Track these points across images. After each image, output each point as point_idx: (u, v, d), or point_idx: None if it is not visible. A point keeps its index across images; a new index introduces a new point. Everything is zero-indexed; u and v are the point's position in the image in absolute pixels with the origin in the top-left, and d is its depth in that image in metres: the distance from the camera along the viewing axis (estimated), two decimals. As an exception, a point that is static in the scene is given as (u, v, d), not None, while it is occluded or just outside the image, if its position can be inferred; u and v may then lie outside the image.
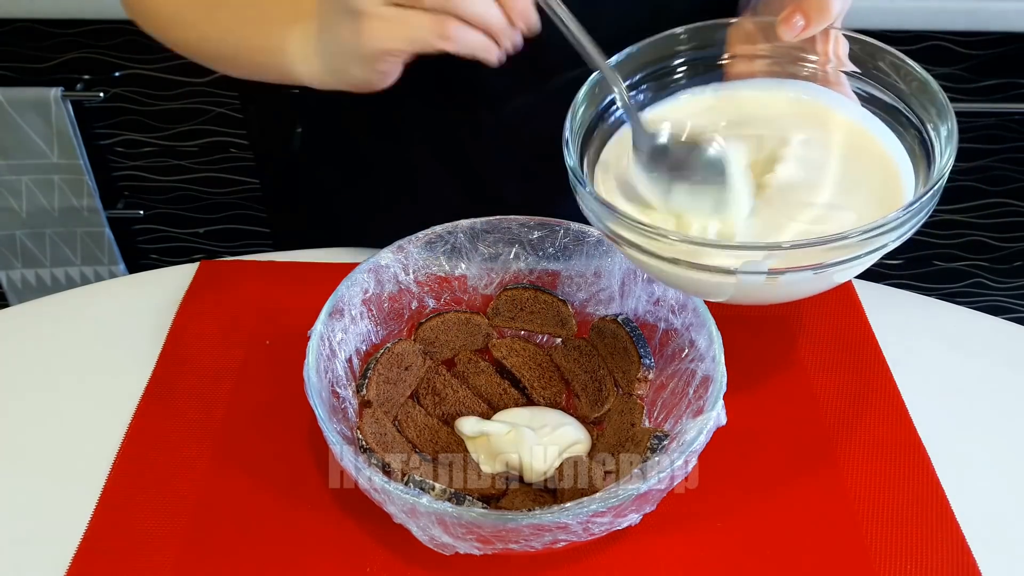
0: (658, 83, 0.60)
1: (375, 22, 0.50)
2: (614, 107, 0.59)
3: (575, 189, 0.53)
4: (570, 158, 0.53)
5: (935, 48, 1.18)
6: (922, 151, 0.54)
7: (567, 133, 0.54)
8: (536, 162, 0.77)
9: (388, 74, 0.55)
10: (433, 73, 0.72)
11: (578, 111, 0.56)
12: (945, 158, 0.50)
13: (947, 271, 1.44)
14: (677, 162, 0.54)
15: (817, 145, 0.56)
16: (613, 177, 0.57)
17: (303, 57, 0.58)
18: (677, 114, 0.59)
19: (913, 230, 0.49)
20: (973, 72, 1.21)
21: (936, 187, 0.48)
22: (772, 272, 0.47)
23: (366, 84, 0.56)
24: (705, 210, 0.53)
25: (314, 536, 0.54)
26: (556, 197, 0.77)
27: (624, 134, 0.59)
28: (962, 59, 1.19)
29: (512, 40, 0.52)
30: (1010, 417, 0.63)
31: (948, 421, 0.62)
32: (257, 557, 0.53)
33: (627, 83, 0.58)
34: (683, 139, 0.54)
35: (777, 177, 0.54)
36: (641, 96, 0.60)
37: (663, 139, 0.54)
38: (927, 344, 0.69)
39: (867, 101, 0.57)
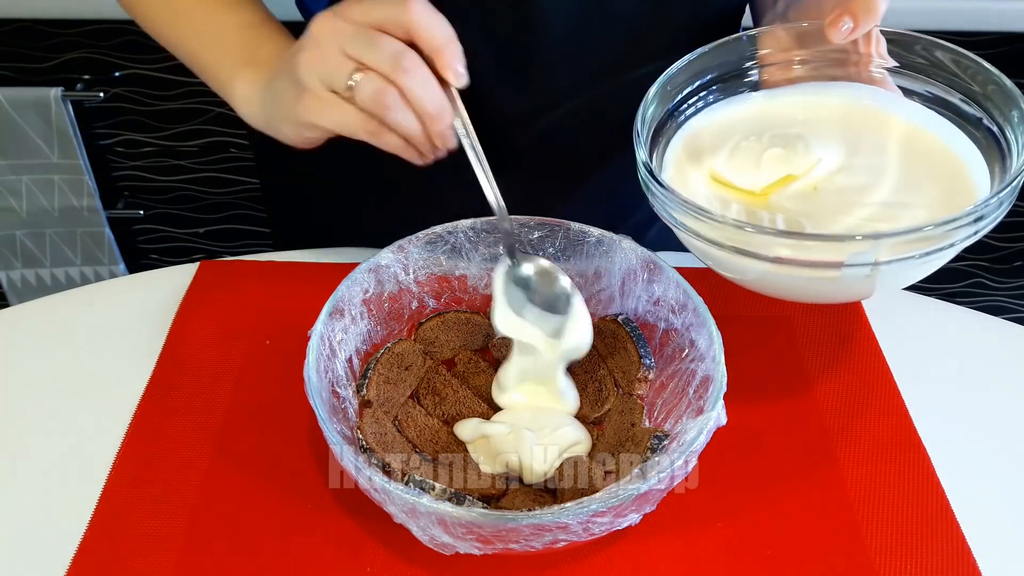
0: (725, 85, 0.61)
1: (313, 99, 0.54)
2: (684, 106, 0.59)
3: (646, 183, 0.53)
4: (642, 152, 0.53)
5: (935, 48, 1.18)
6: (990, 139, 0.54)
7: (638, 126, 0.55)
8: (540, 167, 0.77)
9: (312, 141, 0.59)
10: None
11: (648, 108, 0.56)
12: None
13: (947, 271, 1.44)
14: (535, 288, 0.60)
15: (874, 147, 0.56)
16: (681, 174, 0.58)
17: (246, 99, 0.62)
18: (732, 119, 0.60)
19: (999, 217, 0.49)
20: (973, 72, 1.21)
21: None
22: (877, 263, 0.47)
23: (291, 142, 0.60)
24: (546, 333, 0.59)
25: (314, 536, 0.54)
26: (557, 197, 0.77)
27: (692, 133, 0.60)
28: (962, 59, 1.19)
29: (432, 154, 0.56)
30: (1010, 417, 0.63)
31: (948, 421, 0.62)
32: (257, 557, 0.53)
33: (697, 83, 0.60)
34: (544, 268, 0.60)
35: (834, 181, 0.54)
36: (711, 97, 0.61)
37: (528, 270, 0.60)
38: (927, 344, 0.69)
39: (923, 98, 0.57)
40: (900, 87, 0.58)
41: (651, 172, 0.52)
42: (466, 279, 0.67)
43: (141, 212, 1.43)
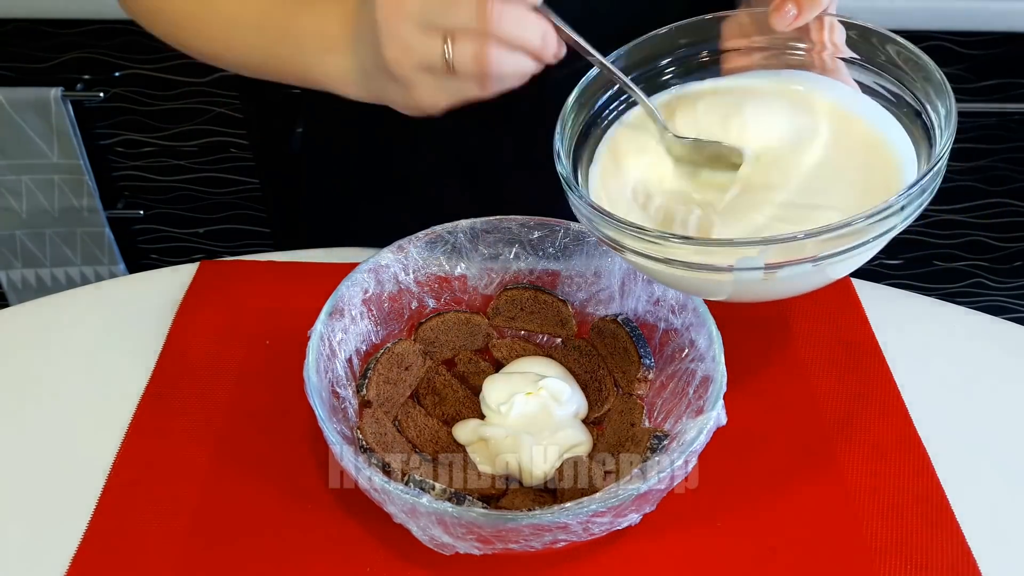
0: (651, 83, 0.60)
1: (420, 89, 0.53)
2: (606, 111, 0.59)
3: (568, 195, 0.53)
4: (562, 167, 0.53)
5: (935, 48, 1.18)
6: (924, 136, 0.52)
7: (557, 143, 0.54)
8: (537, 161, 0.77)
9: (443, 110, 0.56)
10: None
11: (568, 120, 0.56)
12: (943, 141, 0.48)
13: (947, 271, 1.44)
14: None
15: (805, 142, 0.55)
16: (606, 180, 0.57)
17: (345, 85, 0.59)
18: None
19: (908, 220, 0.47)
20: (973, 72, 1.21)
21: (932, 172, 0.46)
22: (769, 267, 0.47)
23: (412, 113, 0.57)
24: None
25: (314, 536, 0.54)
26: (558, 196, 0.77)
27: (615, 136, 0.59)
28: (962, 59, 1.19)
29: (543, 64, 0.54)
30: (1010, 417, 0.63)
31: (948, 421, 0.62)
32: (257, 557, 0.53)
33: (617, 87, 0.58)
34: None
35: (758, 177, 0.54)
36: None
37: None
38: (927, 344, 0.69)
39: (869, 88, 0.56)
40: (859, 80, 0.57)
41: (569, 185, 0.52)
42: (466, 279, 0.67)
43: (141, 212, 1.43)
